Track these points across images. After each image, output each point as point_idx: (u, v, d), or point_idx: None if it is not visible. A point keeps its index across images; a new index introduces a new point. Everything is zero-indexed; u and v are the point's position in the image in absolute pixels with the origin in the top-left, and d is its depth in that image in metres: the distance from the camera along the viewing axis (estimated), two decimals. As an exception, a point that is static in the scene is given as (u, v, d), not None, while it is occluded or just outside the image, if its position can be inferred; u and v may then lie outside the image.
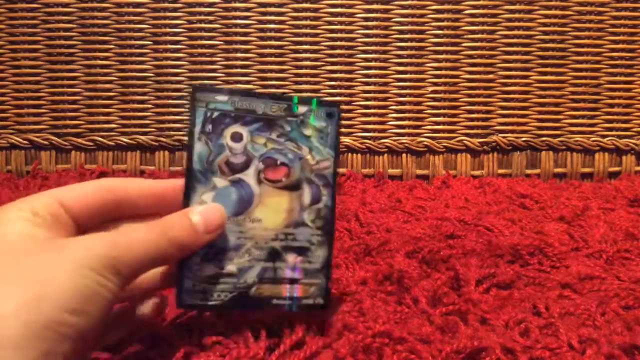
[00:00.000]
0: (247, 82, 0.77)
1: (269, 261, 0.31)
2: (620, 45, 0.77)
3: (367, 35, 0.76)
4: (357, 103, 0.77)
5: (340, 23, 0.76)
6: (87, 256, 0.23)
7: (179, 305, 0.29)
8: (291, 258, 0.31)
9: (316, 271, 0.31)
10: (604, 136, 0.78)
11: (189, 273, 0.29)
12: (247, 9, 0.76)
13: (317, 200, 0.32)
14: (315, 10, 0.76)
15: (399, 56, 0.77)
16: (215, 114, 0.31)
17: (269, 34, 0.76)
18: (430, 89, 0.77)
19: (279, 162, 0.31)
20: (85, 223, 0.27)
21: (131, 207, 0.29)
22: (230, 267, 0.30)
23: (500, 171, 0.78)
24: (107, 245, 0.24)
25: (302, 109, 0.32)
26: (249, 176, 0.31)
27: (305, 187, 0.32)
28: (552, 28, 0.76)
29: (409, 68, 0.77)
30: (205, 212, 0.28)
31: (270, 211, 0.31)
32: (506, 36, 0.77)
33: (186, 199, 0.30)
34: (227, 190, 0.30)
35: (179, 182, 0.30)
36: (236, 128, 0.31)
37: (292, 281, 0.31)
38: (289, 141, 0.32)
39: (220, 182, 0.30)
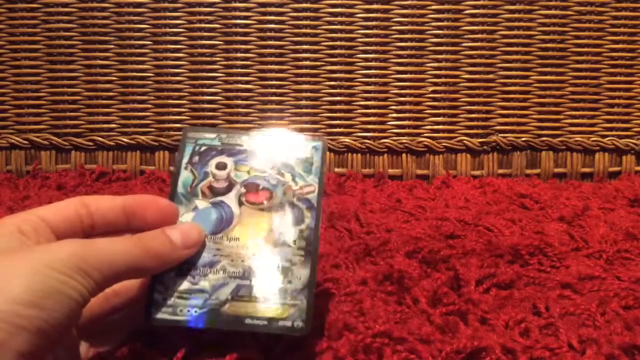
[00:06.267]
0: (247, 82, 0.77)
1: (245, 279, 0.30)
2: (620, 45, 0.77)
3: (367, 35, 0.76)
4: (357, 103, 0.77)
5: (340, 23, 0.76)
6: (52, 257, 0.24)
7: (148, 321, 0.28)
8: (269, 277, 0.30)
9: (296, 292, 0.30)
10: (604, 136, 0.78)
11: (161, 287, 0.29)
12: (247, 9, 0.76)
13: (299, 222, 0.32)
14: (315, 10, 0.76)
15: (399, 56, 0.77)
16: (203, 147, 0.33)
17: (269, 34, 0.76)
18: (430, 89, 0.77)
19: (260, 187, 0.33)
20: (68, 237, 0.28)
21: (102, 220, 0.30)
22: (203, 283, 0.30)
23: (500, 171, 0.78)
24: (75, 247, 0.25)
25: (286, 142, 0.34)
26: (230, 199, 0.32)
27: (287, 209, 0.32)
28: (552, 28, 0.76)
29: (409, 68, 0.77)
30: (183, 228, 0.30)
31: (249, 230, 0.31)
32: (506, 36, 0.77)
33: None
34: (207, 210, 0.31)
35: (146, 198, 0.31)
36: (221, 158, 0.33)
37: (269, 301, 0.29)
38: (272, 169, 0.33)
39: (201, 203, 0.32)
